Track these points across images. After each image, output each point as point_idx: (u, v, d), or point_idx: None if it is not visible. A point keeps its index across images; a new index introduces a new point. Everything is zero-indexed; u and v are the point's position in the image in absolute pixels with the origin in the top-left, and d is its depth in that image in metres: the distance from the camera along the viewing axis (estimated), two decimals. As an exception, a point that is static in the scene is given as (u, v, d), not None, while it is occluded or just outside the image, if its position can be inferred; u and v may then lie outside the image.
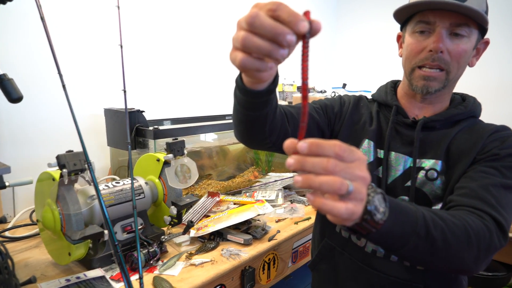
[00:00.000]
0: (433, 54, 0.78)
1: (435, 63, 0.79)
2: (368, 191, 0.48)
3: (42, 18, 0.88)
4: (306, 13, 0.41)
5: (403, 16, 0.85)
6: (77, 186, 1.03)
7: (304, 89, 0.42)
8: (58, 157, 0.93)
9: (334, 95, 2.38)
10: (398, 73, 0.90)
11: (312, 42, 0.41)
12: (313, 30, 0.41)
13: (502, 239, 0.65)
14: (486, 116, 0.90)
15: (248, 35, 0.42)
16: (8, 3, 0.92)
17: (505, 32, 2.33)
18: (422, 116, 0.87)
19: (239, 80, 0.62)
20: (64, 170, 0.92)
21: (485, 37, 0.84)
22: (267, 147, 0.82)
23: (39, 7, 0.88)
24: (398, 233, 0.55)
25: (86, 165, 0.96)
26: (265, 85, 0.60)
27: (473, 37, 0.79)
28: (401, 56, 0.89)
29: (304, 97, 0.43)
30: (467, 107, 0.86)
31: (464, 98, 0.91)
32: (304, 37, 0.41)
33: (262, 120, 0.69)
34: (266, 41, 0.41)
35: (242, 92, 0.63)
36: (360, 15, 3.05)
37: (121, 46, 1.05)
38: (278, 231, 1.34)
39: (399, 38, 0.92)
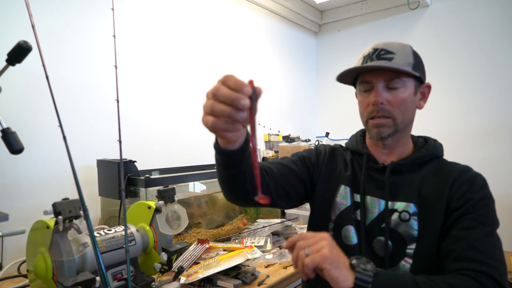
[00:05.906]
0: (376, 107, 0.90)
1: (380, 114, 0.90)
2: (352, 261, 0.71)
3: (47, 77, 0.97)
4: (250, 82, 0.55)
5: (346, 81, 0.99)
6: (68, 236, 1.05)
7: (252, 143, 0.57)
8: (54, 205, 0.97)
9: (318, 143, 2.49)
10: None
11: (298, 98, 0.56)
12: (257, 93, 0.56)
13: None
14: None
15: (214, 103, 0.57)
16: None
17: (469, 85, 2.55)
18: (389, 161, 0.96)
19: (215, 144, 0.74)
20: (60, 217, 0.96)
21: (429, 82, 0.97)
22: (254, 203, 0.89)
23: (44, 66, 0.97)
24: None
25: (81, 212, 1.00)
26: (237, 145, 0.71)
27: (410, 85, 0.90)
28: None
29: (253, 151, 0.57)
30: (429, 149, 0.95)
31: (426, 141, 1.00)
32: (251, 99, 0.55)
33: (241, 177, 0.80)
34: (227, 106, 0.55)
35: (219, 153, 0.75)
36: (336, 86, 3.36)
37: (118, 101, 1.13)
38: (268, 276, 1.35)
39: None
